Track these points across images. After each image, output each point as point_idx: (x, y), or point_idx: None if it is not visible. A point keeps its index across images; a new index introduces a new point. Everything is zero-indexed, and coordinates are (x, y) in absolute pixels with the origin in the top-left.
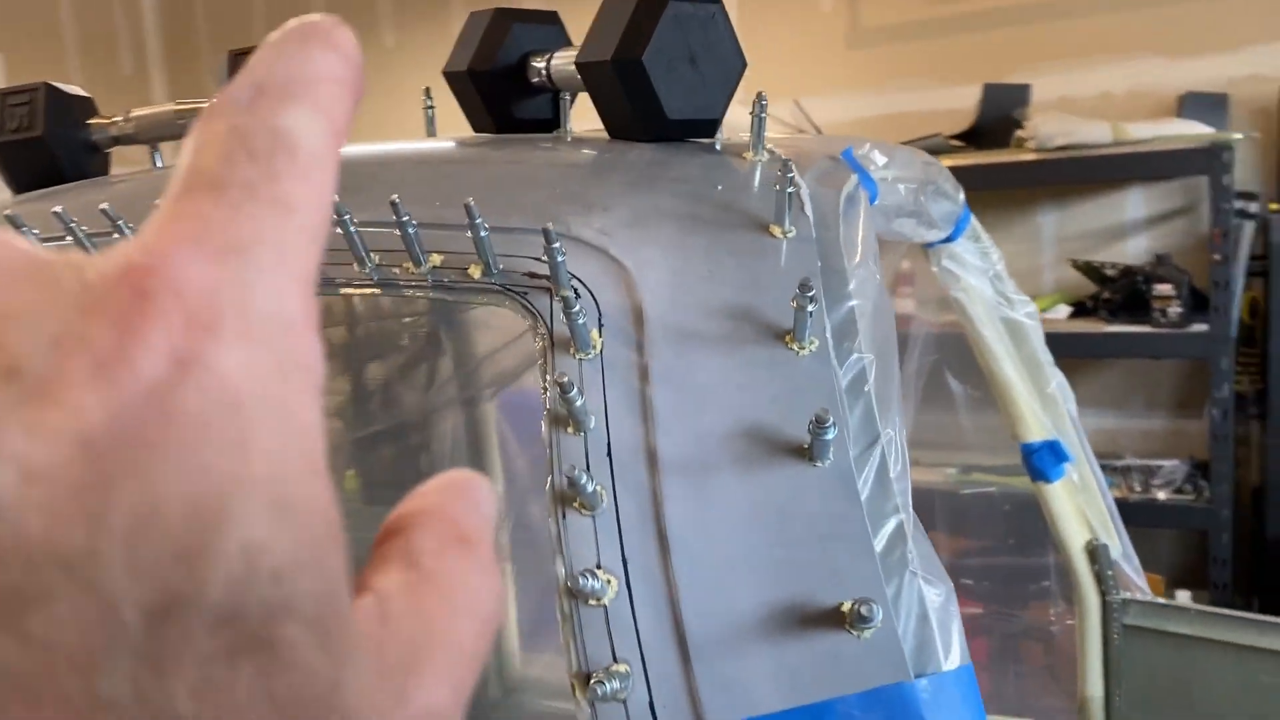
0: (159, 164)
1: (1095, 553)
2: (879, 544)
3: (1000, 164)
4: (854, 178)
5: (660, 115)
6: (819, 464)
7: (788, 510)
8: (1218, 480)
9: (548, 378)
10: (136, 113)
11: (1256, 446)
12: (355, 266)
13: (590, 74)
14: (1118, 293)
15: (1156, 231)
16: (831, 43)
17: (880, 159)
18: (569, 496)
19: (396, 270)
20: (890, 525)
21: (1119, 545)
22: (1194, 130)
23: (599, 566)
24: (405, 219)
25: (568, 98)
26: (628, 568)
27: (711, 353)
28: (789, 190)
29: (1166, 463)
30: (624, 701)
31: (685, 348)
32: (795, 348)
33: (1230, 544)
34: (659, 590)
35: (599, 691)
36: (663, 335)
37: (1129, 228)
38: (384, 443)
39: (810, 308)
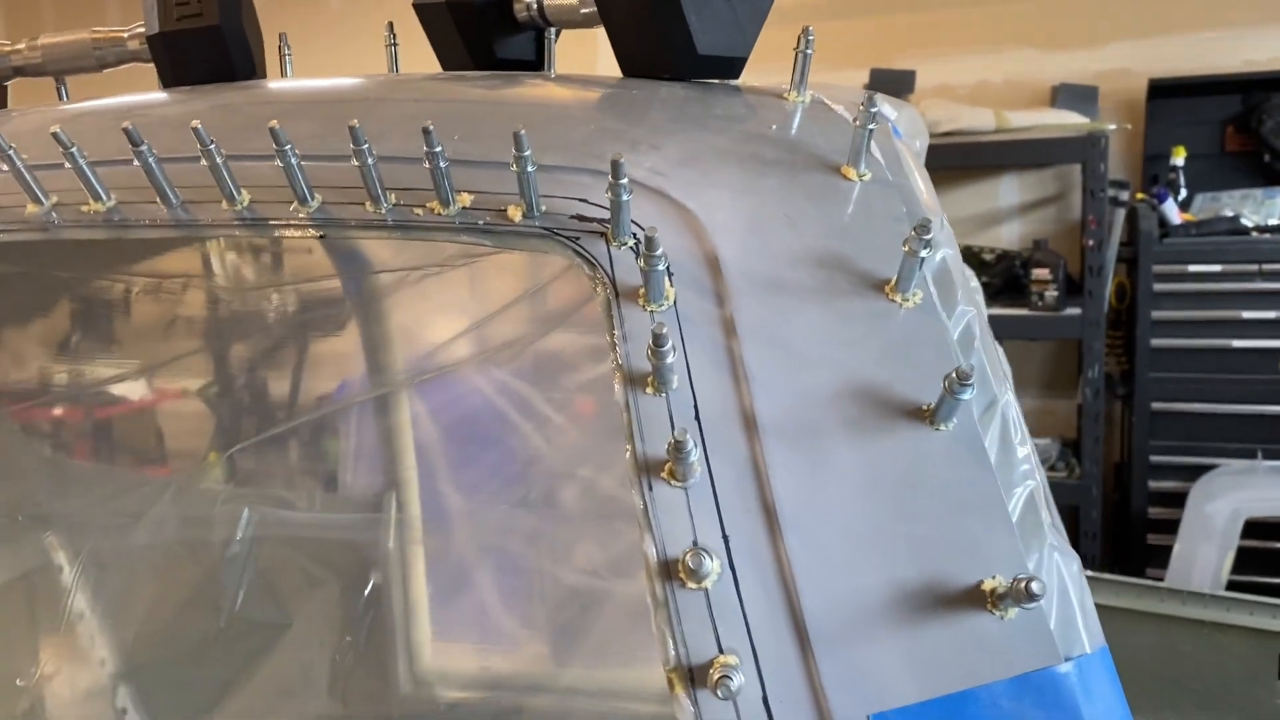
0: (64, 100)
1: None
2: (1013, 514)
3: None
4: (889, 125)
5: (690, 49)
6: (942, 427)
7: (911, 479)
8: (1088, 458)
9: (617, 330)
10: (45, 40)
11: (1120, 425)
12: (368, 206)
13: (611, 5)
14: (996, 277)
15: (1032, 218)
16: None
17: (891, 112)
18: (656, 464)
19: (418, 211)
20: (1023, 493)
21: (1049, 517)
22: (1070, 120)
23: (696, 545)
24: (438, 150)
25: (552, 35)
26: (729, 546)
27: (804, 305)
28: (869, 128)
29: (1039, 441)
30: (734, 698)
31: (773, 299)
32: (898, 299)
33: (1099, 519)
34: (768, 571)
35: (728, 687)
36: (745, 285)
37: (1006, 214)
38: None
39: (923, 253)
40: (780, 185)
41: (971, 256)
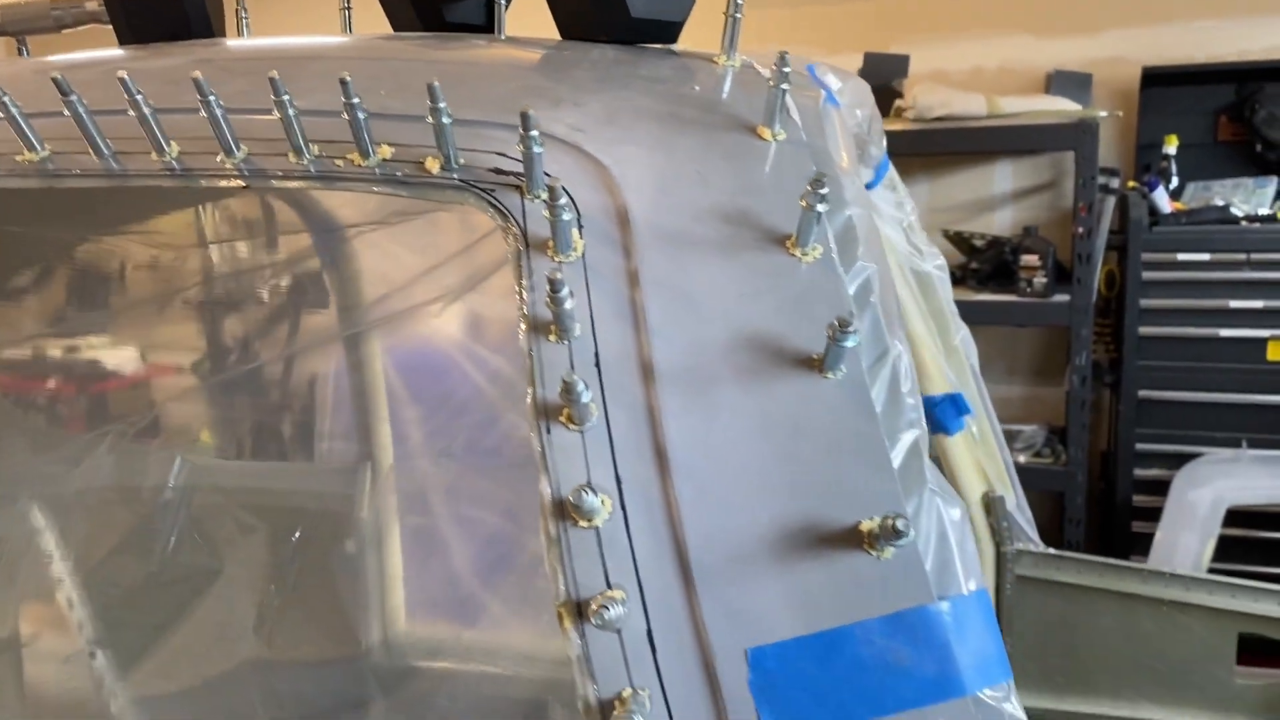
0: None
1: (991, 505)
2: (896, 460)
3: None
4: (823, 91)
5: (624, 12)
6: (831, 375)
7: (798, 425)
8: (1074, 445)
9: (524, 280)
10: (3, 1)
11: (1107, 413)
12: (291, 157)
13: None
14: (986, 263)
15: (1023, 204)
16: (715, 6)
17: (835, 82)
18: (555, 409)
19: (339, 163)
20: (907, 440)
21: (1014, 497)
22: (1063, 107)
23: (584, 485)
24: (355, 101)
25: (503, 1)
26: (622, 487)
27: (707, 258)
28: (782, 87)
29: (1026, 427)
30: (619, 631)
31: (677, 252)
32: (798, 254)
33: (1083, 505)
34: (657, 511)
35: (605, 616)
36: (651, 238)
37: (998, 200)
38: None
39: (820, 207)
40: (695, 143)
41: (962, 242)
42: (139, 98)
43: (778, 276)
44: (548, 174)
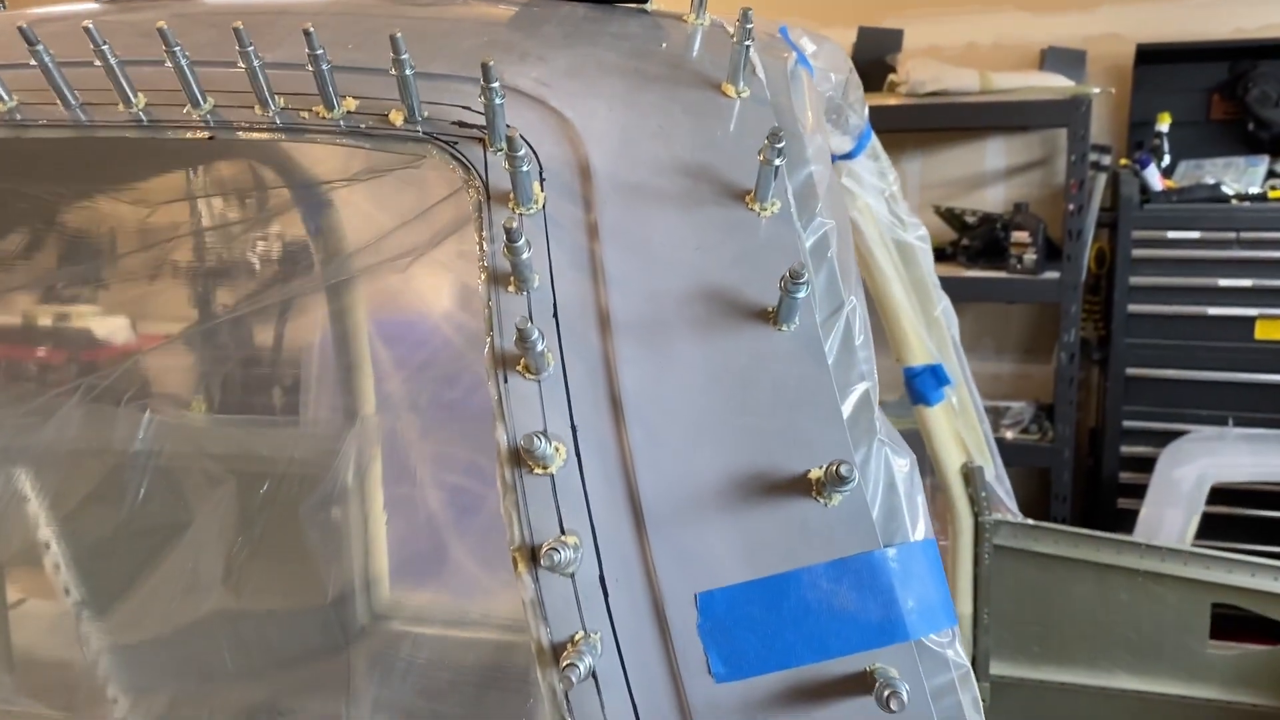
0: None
1: (970, 475)
2: (846, 410)
3: (870, 107)
4: (794, 53)
5: None
6: (784, 328)
7: (750, 376)
8: (1061, 421)
9: (485, 232)
10: None
11: (1095, 390)
12: (257, 109)
13: None
14: (977, 239)
15: (1015, 181)
16: None
17: (810, 45)
18: (512, 358)
19: (304, 115)
20: (857, 392)
21: (993, 468)
22: (1055, 83)
23: (544, 433)
24: (319, 53)
25: None
26: (577, 435)
27: (666, 211)
28: (745, 44)
29: (1014, 404)
30: (573, 575)
31: (637, 205)
32: (756, 208)
33: (1070, 481)
34: (611, 459)
35: (554, 559)
36: (612, 191)
37: (990, 176)
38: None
39: (777, 161)
40: (659, 99)
41: (953, 218)
42: (105, 48)
43: (735, 230)
44: (509, 126)
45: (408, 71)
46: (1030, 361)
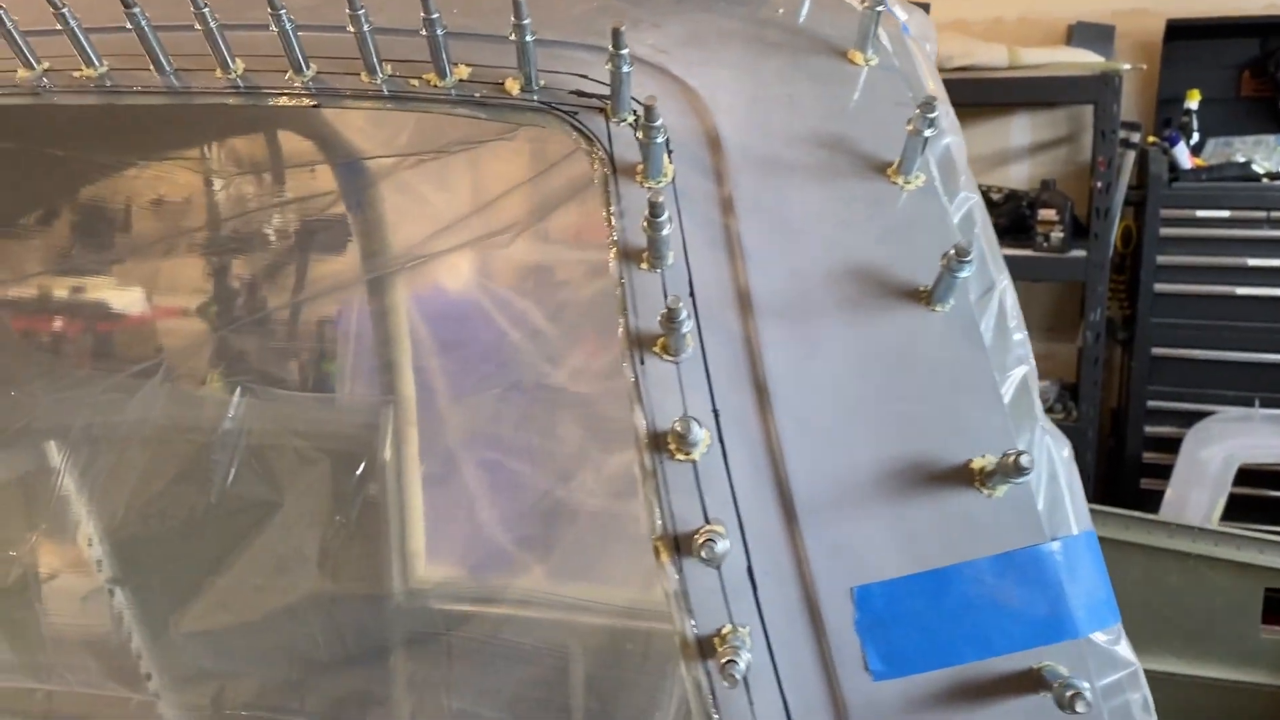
0: None
1: None
2: (1005, 396)
3: None
4: (900, 19)
5: None
6: (938, 308)
7: (904, 359)
8: (1085, 401)
9: (614, 206)
10: None
11: (1119, 370)
12: (363, 76)
13: None
14: (1002, 216)
15: (1042, 158)
16: None
17: (902, 14)
18: (648, 339)
19: (414, 83)
20: (1016, 376)
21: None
22: (1084, 59)
23: (687, 415)
24: (434, 16)
25: None
26: (719, 419)
27: (803, 185)
28: (877, 9)
29: (1040, 383)
30: (719, 567)
31: (772, 179)
32: (900, 182)
33: (1093, 462)
34: (757, 445)
35: (713, 549)
36: (744, 164)
37: (1016, 153)
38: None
39: (928, 132)
40: (784, 66)
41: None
42: (204, 11)
43: (878, 205)
44: (635, 98)
45: (528, 37)
46: (1054, 340)
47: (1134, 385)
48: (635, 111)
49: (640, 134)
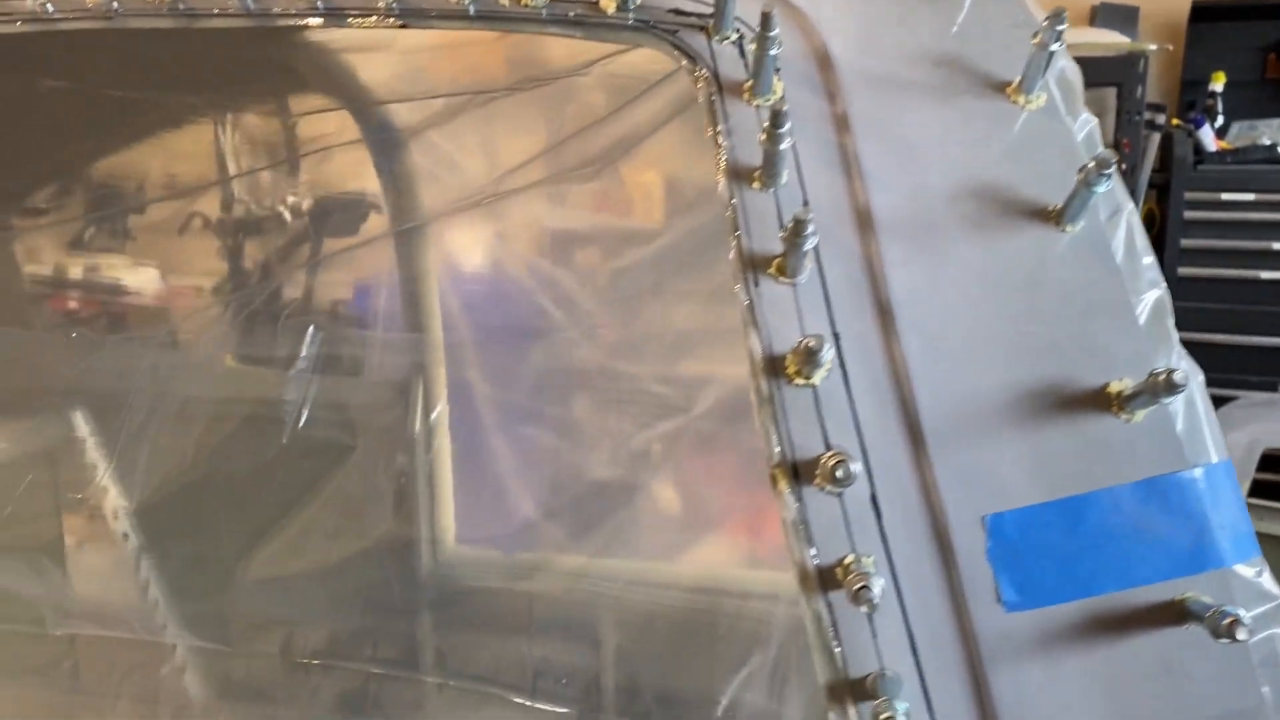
0: None
1: None
2: (1140, 319)
3: None
4: None
5: None
6: (1069, 228)
7: (1035, 280)
8: None
9: (721, 125)
10: None
11: None
12: None
13: None
14: None
15: None
16: None
17: None
18: (762, 261)
19: (503, 1)
20: (1150, 299)
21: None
22: (1108, 40)
23: (807, 336)
24: None
25: None
26: (839, 343)
27: (921, 104)
28: None
29: None
30: (841, 495)
31: (888, 97)
32: (1021, 100)
33: None
34: (880, 370)
35: (847, 470)
36: (858, 82)
37: None
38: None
39: (1054, 46)
40: None
41: None
42: None
43: (998, 124)
44: (738, 17)
45: None
46: None
47: None
48: (738, 30)
49: (755, 46)
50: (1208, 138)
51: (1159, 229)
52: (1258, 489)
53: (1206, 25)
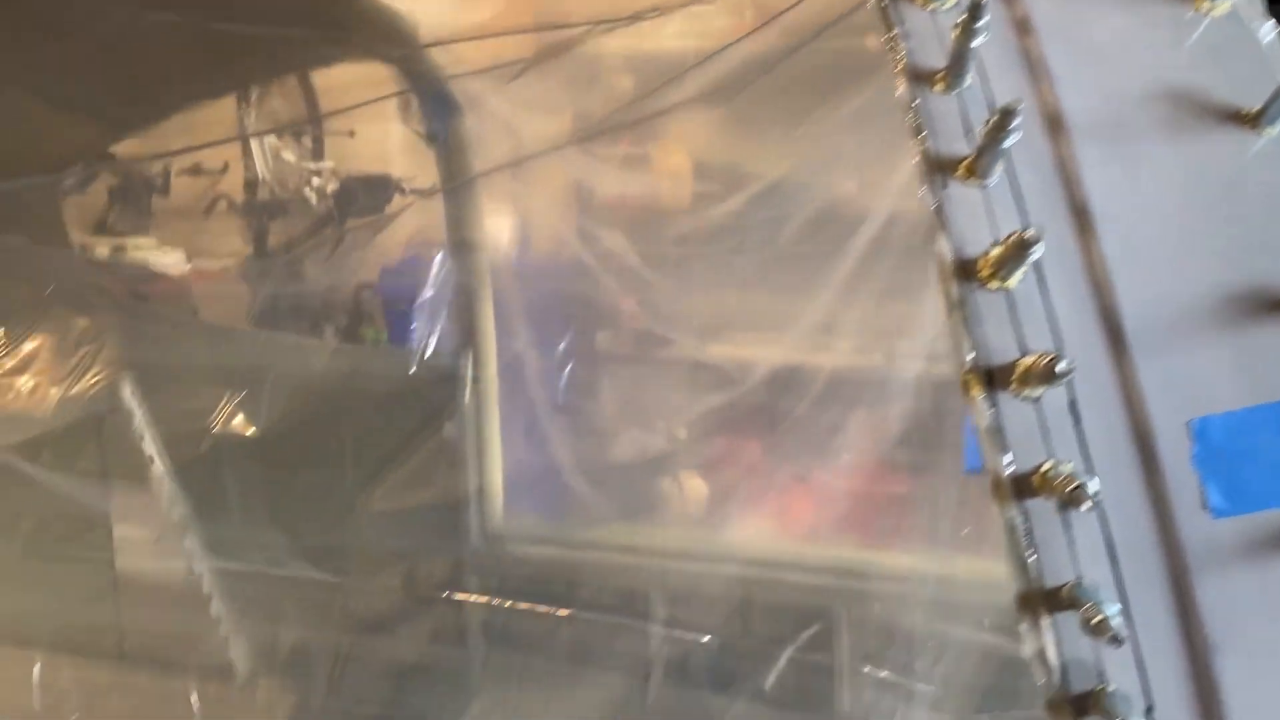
0: None
1: None
2: None
3: None
4: None
5: None
6: (1266, 131)
7: (1235, 183)
8: None
9: (898, 28)
10: None
11: None
12: None
13: None
14: None
15: None
16: None
17: None
18: (949, 163)
19: None
20: None
21: None
22: None
23: (996, 244)
24: None
25: None
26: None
27: (1103, 8)
28: None
29: None
30: (1037, 399)
31: (1068, 1)
32: (1204, 7)
33: None
34: (1077, 273)
35: (1066, 366)
36: None
37: None
38: None
39: None
40: None
41: None
42: None
43: (1185, 28)
44: None
45: None
46: None
47: None
48: None
49: None
50: None
51: None
52: None
53: None
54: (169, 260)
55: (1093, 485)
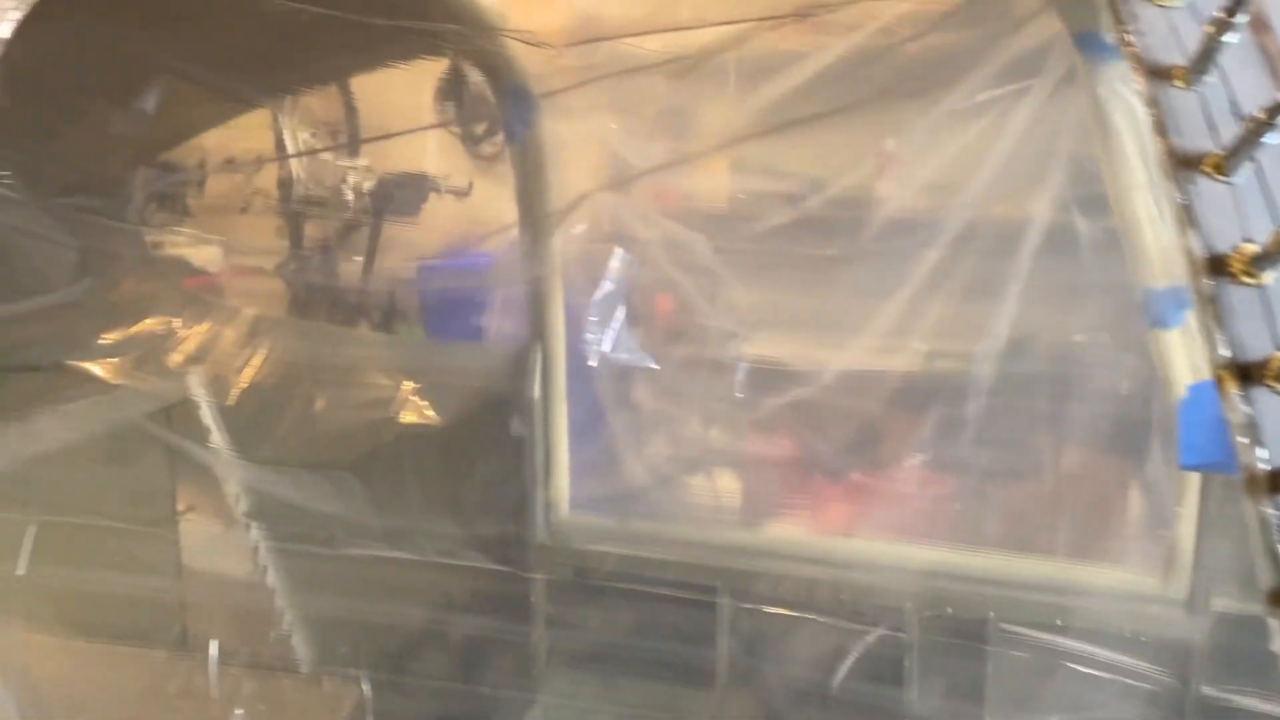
0: None
1: None
2: None
3: None
4: None
5: None
6: None
7: None
8: None
9: (1130, 25)
10: None
11: None
12: None
13: None
14: None
15: None
16: None
17: None
18: (1195, 158)
19: None
20: None
21: None
22: None
23: (1247, 240)
24: None
25: None
26: None
27: None
28: None
29: None
30: None
31: None
32: None
33: None
34: None
35: None
36: None
37: None
38: None
39: None
40: None
41: None
42: None
43: None
44: None
45: None
46: None
47: None
48: None
49: None
50: None
51: None
52: None
53: None
54: (206, 256)
55: None
